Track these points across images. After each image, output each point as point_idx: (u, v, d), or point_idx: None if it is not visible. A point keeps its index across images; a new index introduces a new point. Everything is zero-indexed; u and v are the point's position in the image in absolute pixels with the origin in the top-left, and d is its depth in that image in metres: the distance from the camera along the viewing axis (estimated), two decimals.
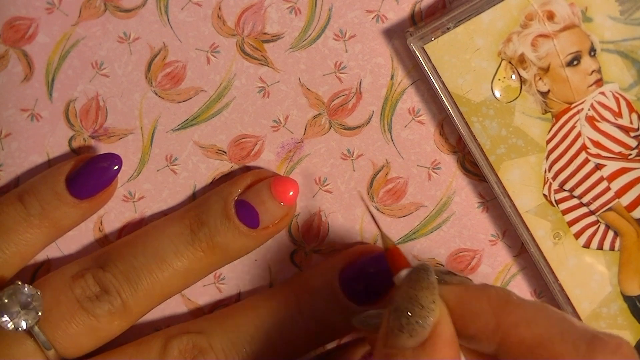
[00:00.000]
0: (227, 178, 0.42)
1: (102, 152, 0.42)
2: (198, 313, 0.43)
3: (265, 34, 0.42)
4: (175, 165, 0.42)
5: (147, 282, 0.39)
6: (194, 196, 0.42)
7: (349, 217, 0.43)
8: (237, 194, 0.40)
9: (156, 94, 0.42)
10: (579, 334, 0.31)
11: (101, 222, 0.42)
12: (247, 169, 0.42)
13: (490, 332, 0.32)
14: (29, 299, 0.38)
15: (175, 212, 0.41)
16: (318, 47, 0.42)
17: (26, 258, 0.40)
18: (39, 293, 0.38)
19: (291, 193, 0.40)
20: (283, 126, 0.42)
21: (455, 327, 0.32)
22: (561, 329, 0.31)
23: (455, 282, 0.34)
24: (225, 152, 0.42)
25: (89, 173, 0.40)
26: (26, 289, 0.38)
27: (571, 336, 0.31)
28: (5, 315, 0.37)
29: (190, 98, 0.42)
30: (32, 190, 0.39)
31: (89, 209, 0.41)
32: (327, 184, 0.43)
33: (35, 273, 0.42)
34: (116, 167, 0.40)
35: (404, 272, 0.33)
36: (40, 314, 0.38)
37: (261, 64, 0.42)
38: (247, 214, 0.40)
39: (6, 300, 0.38)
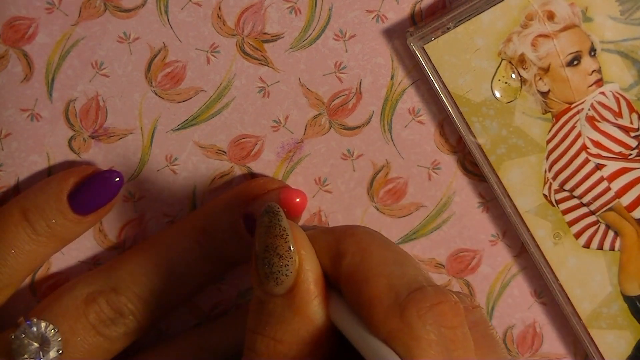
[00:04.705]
0: (227, 178, 0.42)
1: (102, 157, 0.42)
2: (197, 313, 0.43)
3: (265, 34, 0.42)
4: (175, 165, 0.42)
5: (162, 301, 0.39)
6: (194, 196, 0.42)
7: (349, 217, 0.43)
8: (245, 208, 0.40)
9: (156, 94, 0.42)
10: (409, 281, 0.30)
11: (101, 223, 0.42)
12: (248, 169, 0.42)
13: (331, 259, 0.32)
14: (46, 335, 0.37)
15: (181, 222, 0.41)
16: (318, 47, 0.42)
17: (33, 269, 0.41)
18: (56, 330, 0.38)
19: (298, 200, 0.40)
20: (283, 126, 0.42)
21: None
22: (395, 272, 0.30)
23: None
24: (225, 152, 0.42)
25: (91, 190, 0.40)
26: (42, 324, 0.38)
27: (400, 281, 0.30)
28: (25, 356, 0.37)
29: (190, 98, 0.42)
30: (37, 208, 0.39)
31: (93, 222, 0.41)
32: (327, 184, 0.43)
33: (35, 274, 0.42)
34: (117, 180, 0.40)
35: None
36: (61, 352, 0.37)
37: (261, 64, 0.42)
38: None
39: (25, 341, 0.37)
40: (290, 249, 0.31)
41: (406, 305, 0.29)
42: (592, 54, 0.41)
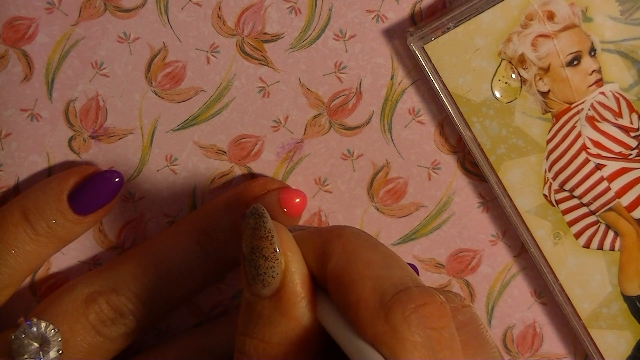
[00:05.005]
0: (227, 178, 0.42)
1: (102, 157, 0.42)
2: (197, 313, 0.43)
3: (265, 34, 0.42)
4: (175, 165, 0.42)
5: (162, 301, 0.39)
6: (194, 196, 0.42)
7: (349, 217, 0.43)
8: (245, 208, 0.40)
9: (156, 94, 0.42)
10: (395, 282, 0.29)
11: (101, 223, 0.42)
12: (248, 169, 0.42)
13: (317, 261, 0.32)
14: (46, 335, 0.37)
15: (181, 222, 0.41)
16: (318, 47, 0.42)
17: (33, 269, 0.41)
18: (56, 330, 0.38)
19: (297, 200, 0.40)
20: (283, 126, 0.42)
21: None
22: (381, 273, 0.30)
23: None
24: (225, 152, 0.42)
25: (91, 191, 0.40)
26: (42, 325, 0.38)
27: (385, 282, 0.29)
28: (25, 356, 0.37)
29: (190, 98, 0.42)
30: (37, 209, 0.39)
31: (93, 222, 0.41)
32: (327, 184, 0.43)
33: (35, 274, 0.42)
34: (117, 180, 0.40)
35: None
36: (61, 352, 0.38)
37: (261, 64, 0.42)
38: None
39: (25, 341, 0.37)
40: (276, 251, 0.31)
41: (391, 307, 0.29)
42: (592, 54, 0.41)
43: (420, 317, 0.28)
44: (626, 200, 0.41)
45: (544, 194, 0.41)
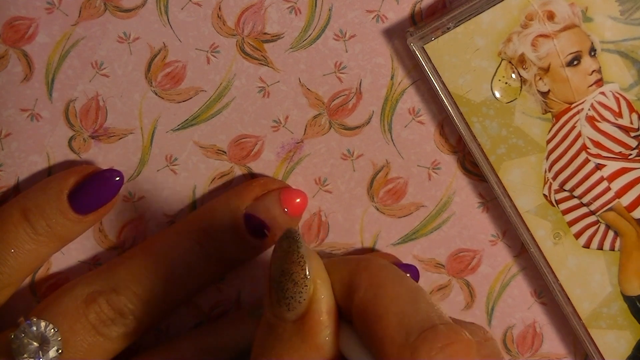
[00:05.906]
0: (227, 178, 0.42)
1: (102, 157, 0.42)
2: (197, 313, 0.43)
3: (265, 34, 0.42)
4: (175, 165, 0.42)
5: (162, 301, 0.39)
6: (194, 196, 0.42)
7: (349, 217, 0.43)
8: (245, 208, 0.40)
9: (156, 94, 0.42)
10: (422, 319, 0.29)
11: (101, 223, 0.42)
12: (248, 169, 0.42)
13: (344, 292, 0.31)
14: (46, 335, 0.37)
15: (181, 222, 0.41)
16: (318, 47, 0.42)
17: (33, 269, 0.41)
18: (56, 330, 0.38)
19: (298, 200, 0.40)
20: (283, 126, 0.42)
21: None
22: (407, 310, 0.30)
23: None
24: (225, 152, 0.42)
25: (91, 190, 0.40)
26: (42, 324, 0.38)
27: (412, 319, 0.29)
28: (25, 355, 0.37)
29: (190, 98, 0.42)
30: (37, 208, 0.39)
31: (93, 222, 0.41)
32: (327, 184, 0.43)
33: (35, 274, 0.42)
34: (118, 179, 0.40)
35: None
36: (60, 351, 0.38)
37: (261, 64, 0.42)
38: (258, 230, 0.40)
39: (25, 341, 0.37)
40: (307, 277, 0.31)
41: (417, 345, 0.29)
42: (592, 54, 0.41)
43: (446, 357, 0.28)
44: (626, 200, 0.41)
45: (544, 194, 0.41)
